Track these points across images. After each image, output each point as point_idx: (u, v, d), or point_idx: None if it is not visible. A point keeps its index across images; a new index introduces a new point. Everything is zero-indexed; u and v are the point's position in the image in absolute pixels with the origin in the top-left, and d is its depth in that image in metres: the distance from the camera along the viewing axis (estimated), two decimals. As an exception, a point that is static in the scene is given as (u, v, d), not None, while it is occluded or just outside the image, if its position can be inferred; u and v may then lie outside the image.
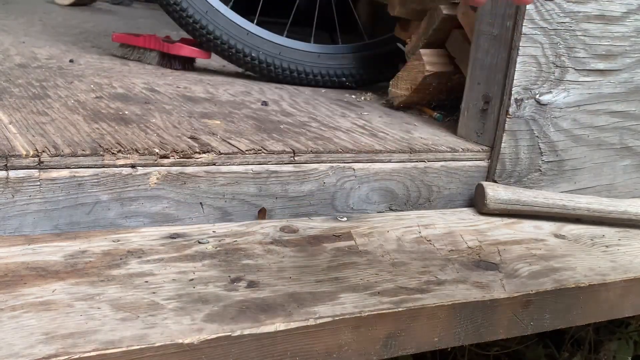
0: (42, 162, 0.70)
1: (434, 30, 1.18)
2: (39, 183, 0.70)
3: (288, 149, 0.85)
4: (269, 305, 0.58)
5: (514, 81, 0.95)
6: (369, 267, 0.69)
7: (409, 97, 1.21)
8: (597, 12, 0.98)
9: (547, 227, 0.89)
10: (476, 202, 0.95)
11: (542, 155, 1.00)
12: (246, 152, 0.82)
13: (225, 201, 0.81)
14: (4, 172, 0.68)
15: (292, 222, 0.80)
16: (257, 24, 1.37)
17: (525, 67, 0.95)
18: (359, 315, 0.59)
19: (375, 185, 0.90)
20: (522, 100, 0.97)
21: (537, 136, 0.99)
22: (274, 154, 0.84)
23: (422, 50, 1.18)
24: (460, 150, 0.98)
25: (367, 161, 0.90)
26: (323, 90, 1.38)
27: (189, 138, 0.85)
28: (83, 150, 0.74)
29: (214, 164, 0.80)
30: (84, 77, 1.20)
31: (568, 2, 0.95)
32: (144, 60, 1.45)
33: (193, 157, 0.79)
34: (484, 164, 0.99)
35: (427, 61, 1.17)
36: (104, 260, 0.63)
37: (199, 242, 0.70)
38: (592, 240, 0.85)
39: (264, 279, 0.63)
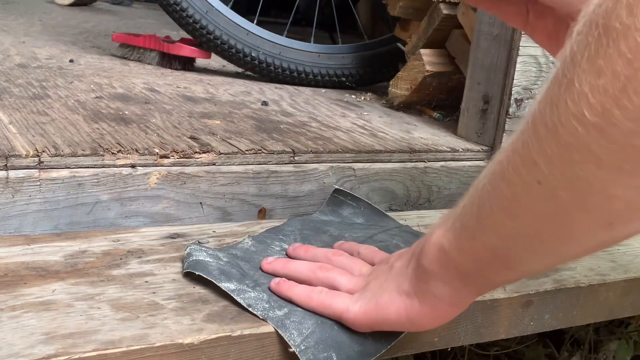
0: (42, 162, 0.70)
1: (434, 30, 1.18)
2: (39, 183, 0.70)
3: (288, 149, 0.85)
4: (269, 305, 0.58)
5: (514, 81, 0.95)
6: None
7: (409, 97, 1.21)
8: (597, 12, 0.98)
9: (547, 227, 0.88)
10: (476, 202, 0.95)
11: (542, 155, 1.00)
12: (246, 152, 0.82)
13: (225, 201, 0.81)
14: (4, 172, 0.68)
15: (292, 222, 0.80)
16: (257, 24, 1.37)
17: (525, 67, 0.96)
18: (359, 315, 0.59)
19: (375, 185, 0.90)
20: (522, 100, 0.97)
21: (537, 136, 0.99)
22: (274, 154, 0.84)
23: (422, 50, 1.18)
24: (461, 150, 0.98)
25: (367, 161, 0.90)
26: (323, 90, 1.38)
27: (189, 138, 0.85)
28: (83, 150, 0.74)
29: (214, 164, 0.80)
30: (84, 77, 1.20)
31: (568, 2, 0.95)
32: (144, 60, 1.45)
33: (193, 157, 0.79)
34: (484, 164, 0.99)
35: (427, 61, 1.17)
36: (104, 260, 0.63)
37: (199, 242, 0.70)
38: (592, 240, 0.85)
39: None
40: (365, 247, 0.66)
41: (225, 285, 0.58)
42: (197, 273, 0.59)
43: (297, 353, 0.52)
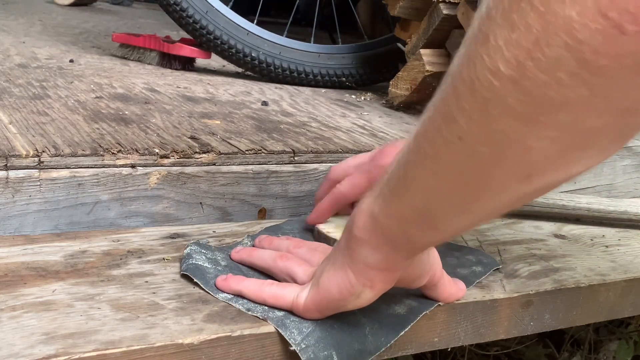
0: (42, 162, 0.70)
1: (434, 30, 1.18)
2: (39, 183, 0.70)
3: (288, 149, 0.85)
4: (269, 305, 0.58)
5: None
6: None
7: (409, 97, 1.21)
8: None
9: (547, 227, 0.89)
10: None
11: (542, 155, 1.00)
12: (246, 152, 0.82)
13: (225, 201, 0.81)
14: (4, 172, 0.68)
15: (292, 222, 0.80)
16: (257, 24, 1.37)
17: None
18: (359, 315, 0.59)
19: (375, 185, 0.90)
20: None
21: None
22: (274, 154, 0.84)
23: (422, 50, 1.18)
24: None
25: (367, 161, 0.90)
26: (323, 90, 1.38)
27: (189, 138, 0.85)
28: (83, 150, 0.74)
29: (214, 164, 0.80)
30: (84, 77, 1.20)
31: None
32: (144, 60, 1.45)
33: (193, 157, 0.79)
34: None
35: (427, 61, 1.17)
36: (104, 260, 0.63)
37: (199, 242, 0.70)
38: (592, 240, 0.85)
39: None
40: (325, 246, 0.66)
41: (222, 296, 0.58)
42: (195, 280, 0.60)
43: (297, 352, 0.52)
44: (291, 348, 0.53)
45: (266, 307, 0.56)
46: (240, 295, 0.58)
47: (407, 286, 0.58)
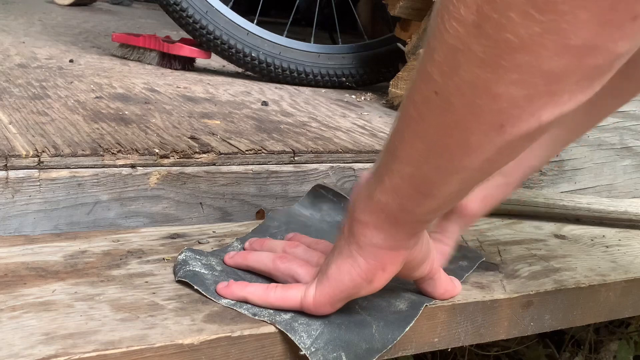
0: (42, 162, 0.70)
1: (434, 30, 1.18)
2: (38, 183, 0.70)
3: (288, 149, 0.85)
4: (269, 306, 0.58)
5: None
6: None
7: (409, 97, 1.21)
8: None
9: (547, 227, 0.89)
10: (476, 202, 0.94)
11: (542, 156, 1.00)
12: (246, 152, 0.82)
13: (225, 201, 0.81)
14: (4, 172, 0.68)
15: (292, 222, 0.80)
16: (257, 24, 1.37)
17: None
18: (359, 315, 0.59)
19: (375, 186, 0.90)
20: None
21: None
22: (274, 154, 0.84)
23: (422, 51, 1.18)
24: (461, 150, 0.98)
25: (367, 161, 0.90)
26: (323, 90, 1.38)
27: (189, 138, 0.85)
28: (83, 150, 0.74)
29: (214, 164, 0.80)
30: (84, 77, 1.20)
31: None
32: (144, 60, 1.45)
33: (193, 157, 0.79)
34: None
35: (427, 61, 1.17)
36: (104, 261, 0.63)
37: (199, 242, 0.70)
38: (592, 240, 0.85)
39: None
40: (322, 241, 0.65)
41: (225, 302, 0.57)
42: (195, 287, 0.59)
43: (307, 355, 0.52)
44: (301, 352, 0.53)
45: (272, 311, 0.56)
46: (244, 301, 0.57)
47: (410, 275, 0.58)
